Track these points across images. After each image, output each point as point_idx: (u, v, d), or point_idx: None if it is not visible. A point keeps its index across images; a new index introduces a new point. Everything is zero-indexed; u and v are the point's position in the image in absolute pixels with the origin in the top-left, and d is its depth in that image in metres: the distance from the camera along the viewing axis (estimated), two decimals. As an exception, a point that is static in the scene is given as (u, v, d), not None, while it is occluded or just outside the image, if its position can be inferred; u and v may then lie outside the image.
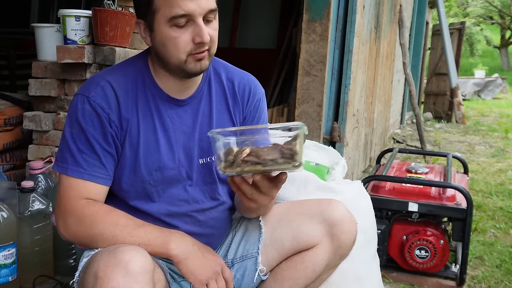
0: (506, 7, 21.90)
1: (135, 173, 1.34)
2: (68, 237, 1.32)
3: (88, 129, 1.29)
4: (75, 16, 2.32)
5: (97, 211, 1.28)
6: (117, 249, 1.16)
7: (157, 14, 1.26)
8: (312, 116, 3.16)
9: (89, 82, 1.35)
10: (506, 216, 3.62)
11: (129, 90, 1.34)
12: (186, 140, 1.39)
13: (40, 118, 2.39)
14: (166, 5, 1.24)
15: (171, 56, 1.29)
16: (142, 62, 1.39)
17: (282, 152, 1.12)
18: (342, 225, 1.45)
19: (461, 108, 9.22)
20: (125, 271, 1.10)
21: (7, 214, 1.76)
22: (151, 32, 1.31)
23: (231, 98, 1.47)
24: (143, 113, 1.34)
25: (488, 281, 2.50)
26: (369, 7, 3.97)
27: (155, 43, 1.31)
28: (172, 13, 1.23)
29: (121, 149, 1.33)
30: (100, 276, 1.10)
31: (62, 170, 1.30)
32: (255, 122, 1.52)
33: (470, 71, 20.00)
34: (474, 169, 5.16)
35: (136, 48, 2.44)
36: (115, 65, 1.47)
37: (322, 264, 1.46)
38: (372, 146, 4.97)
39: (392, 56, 5.84)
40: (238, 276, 1.50)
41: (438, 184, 2.54)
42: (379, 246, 2.34)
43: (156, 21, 1.27)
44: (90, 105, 1.29)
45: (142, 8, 1.30)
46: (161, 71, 1.37)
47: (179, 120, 1.39)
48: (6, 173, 2.51)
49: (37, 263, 1.97)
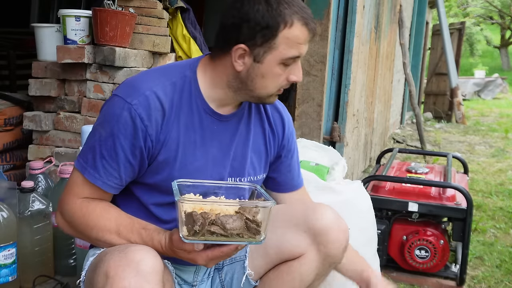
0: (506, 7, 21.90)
1: (167, 184, 1.29)
2: (65, 231, 1.34)
3: (119, 136, 1.24)
4: (75, 16, 2.32)
5: (89, 213, 1.27)
6: (127, 248, 1.16)
7: (274, 50, 1.25)
8: (312, 116, 3.16)
9: (132, 87, 1.27)
10: (506, 216, 3.62)
11: (174, 101, 1.28)
12: (221, 157, 1.36)
13: (40, 118, 2.39)
14: (287, 46, 1.24)
15: (263, 88, 1.30)
16: (190, 72, 1.33)
17: (248, 225, 1.10)
18: (328, 234, 1.37)
19: (461, 108, 9.22)
20: (136, 270, 1.10)
21: (7, 214, 1.76)
22: (253, 62, 1.26)
23: (268, 123, 1.47)
24: (185, 125, 1.30)
25: (488, 281, 2.50)
26: (369, 7, 3.97)
27: (252, 72, 1.27)
28: (289, 54, 1.25)
29: (147, 162, 1.28)
30: (111, 275, 1.10)
31: (80, 169, 1.27)
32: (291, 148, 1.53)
33: (470, 71, 20.00)
34: (474, 169, 5.16)
35: (136, 48, 2.44)
36: (159, 69, 1.37)
37: (310, 274, 1.41)
38: (372, 146, 4.97)
39: (392, 56, 5.84)
40: (227, 279, 1.50)
41: (438, 184, 2.54)
42: (379, 246, 2.35)
43: (268, 56, 1.25)
44: (129, 113, 1.23)
45: (256, 38, 1.23)
46: (220, 85, 1.32)
47: (218, 136, 1.35)
48: (6, 173, 2.51)
49: (37, 263, 1.97)
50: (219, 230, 1.08)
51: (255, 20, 1.21)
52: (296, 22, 1.24)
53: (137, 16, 2.43)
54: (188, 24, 2.78)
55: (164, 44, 2.53)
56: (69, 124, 2.36)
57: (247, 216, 1.11)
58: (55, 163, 2.29)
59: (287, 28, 1.23)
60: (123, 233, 1.25)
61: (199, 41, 2.82)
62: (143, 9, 2.49)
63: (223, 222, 1.08)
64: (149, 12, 2.50)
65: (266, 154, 1.47)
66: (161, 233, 1.23)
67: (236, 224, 1.09)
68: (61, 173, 2.02)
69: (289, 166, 1.55)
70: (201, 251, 1.15)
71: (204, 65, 1.35)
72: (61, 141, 2.39)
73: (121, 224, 1.26)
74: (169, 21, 2.71)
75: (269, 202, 1.14)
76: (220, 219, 1.09)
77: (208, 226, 1.08)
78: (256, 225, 1.11)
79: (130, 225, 1.26)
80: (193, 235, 1.08)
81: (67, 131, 2.37)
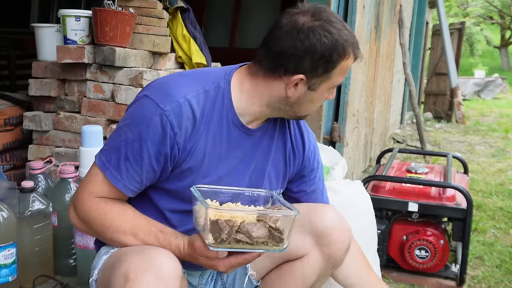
0: (506, 7, 21.89)
1: (184, 192, 1.29)
2: (76, 227, 1.34)
3: (147, 141, 1.22)
4: (75, 16, 2.32)
5: (105, 213, 1.25)
6: (147, 251, 1.15)
7: (329, 79, 1.29)
8: (312, 116, 3.16)
9: (165, 91, 1.25)
10: (506, 216, 3.62)
11: (205, 110, 1.27)
12: (242, 170, 1.37)
13: (40, 118, 2.39)
14: (339, 75, 1.30)
15: (307, 111, 1.36)
16: (224, 83, 1.31)
17: (271, 233, 1.11)
18: (331, 236, 1.39)
19: (461, 108, 9.22)
20: (156, 275, 1.09)
21: (7, 214, 1.76)
22: (307, 90, 1.29)
23: (289, 140, 1.46)
24: (213, 136, 1.29)
25: (488, 281, 2.50)
26: (369, 7, 3.97)
27: (303, 99, 1.30)
28: (339, 81, 1.31)
29: (170, 169, 1.27)
30: (130, 278, 1.09)
31: (102, 167, 1.25)
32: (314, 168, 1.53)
33: (470, 71, 19.99)
34: (474, 169, 5.16)
35: (136, 48, 2.44)
36: (193, 74, 1.36)
37: (313, 274, 1.42)
38: (372, 146, 4.97)
39: (392, 56, 5.84)
40: (229, 280, 1.50)
41: (438, 184, 2.54)
42: (379, 246, 2.35)
43: (322, 84, 1.29)
44: (161, 119, 1.21)
45: (318, 70, 1.25)
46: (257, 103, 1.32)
47: (243, 149, 1.35)
48: (6, 173, 2.51)
49: (37, 263, 1.97)
50: (245, 238, 1.09)
51: (321, 54, 1.23)
52: (351, 54, 1.28)
53: (137, 16, 2.42)
54: (188, 24, 2.78)
55: (164, 44, 2.53)
56: (69, 124, 2.36)
57: (270, 224, 1.12)
58: (55, 163, 2.29)
59: (344, 60, 1.27)
60: (139, 235, 1.24)
61: (199, 41, 2.82)
62: (143, 9, 2.49)
63: (248, 231, 1.09)
64: (149, 12, 2.50)
65: (285, 171, 1.46)
66: (179, 238, 1.22)
67: (260, 232, 1.10)
68: (61, 173, 2.02)
69: (312, 185, 1.54)
70: (223, 258, 1.15)
71: (241, 78, 1.33)
72: (61, 141, 2.39)
73: (138, 226, 1.25)
74: (169, 21, 2.71)
75: (294, 211, 1.14)
76: (246, 227, 1.10)
77: (235, 234, 1.09)
78: (279, 232, 1.12)
79: (147, 228, 1.25)
80: (220, 243, 1.09)
81: (67, 131, 2.37)
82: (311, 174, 1.52)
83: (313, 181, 1.53)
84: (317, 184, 1.55)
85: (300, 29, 1.23)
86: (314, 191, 1.54)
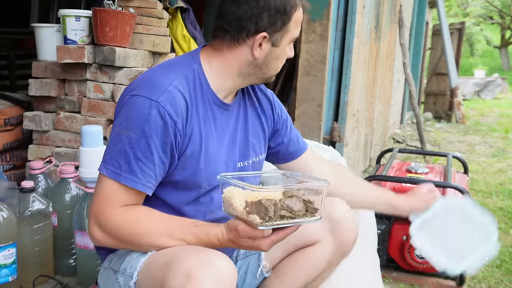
0: (506, 7, 21.90)
1: (194, 179, 1.32)
2: (102, 244, 1.30)
3: (151, 136, 1.23)
4: (75, 16, 2.32)
5: (135, 220, 1.25)
6: (205, 251, 1.16)
7: (288, 33, 1.35)
8: (312, 116, 3.16)
9: (152, 85, 1.27)
10: (506, 216, 3.62)
11: (191, 95, 1.31)
12: (231, 145, 1.41)
13: (40, 118, 2.39)
14: (295, 27, 1.37)
15: (275, 69, 1.40)
16: (196, 65, 1.36)
17: (307, 206, 1.18)
18: (344, 223, 1.48)
19: (461, 108, 9.22)
20: (217, 275, 1.10)
21: (7, 214, 1.76)
22: (271, 47, 1.35)
23: (258, 104, 1.52)
24: (203, 118, 1.33)
25: (488, 281, 2.50)
26: (369, 7, 3.98)
27: (269, 56, 1.36)
28: (296, 34, 1.38)
29: (177, 158, 1.29)
30: (192, 275, 1.09)
31: (114, 176, 1.23)
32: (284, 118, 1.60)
33: (470, 71, 20.00)
34: (474, 169, 5.16)
35: (136, 48, 2.44)
36: (164, 66, 1.38)
37: (323, 261, 1.49)
38: (372, 146, 4.97)
39: (392, 56, 5.84)
40: (241, 273, 1.52)
41: (438, 184, 2.54)
42: (379, 246, 2.35)
43: (284, 38, 1.35)
44: (158, 111, 1.22)
45: (277, 24, 1.32)
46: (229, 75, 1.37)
47: (226, 125, 1.40)
48: (6, 173, 2.51)
49: (37, 263, 1.97)
50: (287, 213, 1.15)
51: (276, 8, 1.30)
52: (299, 4, 1.35)
53: (137, 16, 2.42)
54: (188, 24, 2.78)
55: (164, 44, 2.53)
56: (69, 124, 2.36)
57: (303, 198, 1.18)
58: (55, 163, 2.29)
59: (296, 11, 1.34)
60: (176, 234, 1.24)
61: (199, 41, 2.82)
62: (143, 9, 2.49)
63: (289, 206, 1.15)
64: (149, 12, 2.50)
65: (264, 135, 1.53)
66: (213, 227, 1.23)
67: (299, 206, 1.17)
68: (61, 173, 2.02)
69: (289, 134, 1.61)
70: (266, 237, 1.18)
71: (208, 57, 1.37)
72: (61, 141, 2.39)
73: (170, 226, 1.25)
74: (169, 21, 2.71)
75: (324, 182, 1.20)
76: (286, 203, 1.15)
77: (280, 211, 1.14)
78: (312, 204, 1.18)
79: (179, 225, 1.25)
80: (268, 221, 1.13)
81: (67, 131, 2.37)
82: (283, 126, 1.59)
83: (286, 131, 1.60)
84: (292, 133, 1.62)
85: None
86: (291, 140, 1.61)
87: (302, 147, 1.64)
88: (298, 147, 1.63)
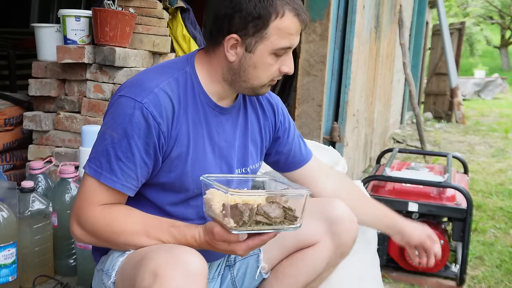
0: (506, 7, 21.90)
1: (181, 181, 1.31)
2: (82, 242, 1.31)
3: (133, 136, 1.22)
4: (75, 16, 2.32)
5: (113, 219, 1.25)
6: (174, 249, 1.15)
7: (265, 40, 1.26)
8: (312, 116, 3.16)
9: (138, 86, 1.27)
10: (506, 216, 3.62)
11: (181, 97, 1.29)
12: (227, 149, 1.39)
13: (40, 118, 2.39)
14: (279, 36, 1.26)
15: (255, 79, 1.31)
16: (189, 68, 1.34)
17: (286, 213, 1.15)
18: (343, 224, 1.46)
19: (461, 108, 9.23)
20: (185, 271, 1.09)
21: (7, 214, 1.76)
22: (245, 52, 1.28)
23: (260, 110, 1.49)
24: (193, 120, 1.31)
25: (488, 281, 2.50)
26: (369, 7, 3.98)
27: (244, 63, 1.29)
28: (281, 44, 1.27)
29: (161, 160, 1.28)
30: (159, 274, 1.09)
31: (95, 175, 1.24)
32: (287, 127, 1.56)
33: (470, 71, 20.00)
34: (474, 169, 5.16)
35: (136, 48, 2.44)
36: (157, 67, 1.37)
37: (322, 262, 1.47)
38: (372, 146, 4.97)
39: (392, 56, 5.84)
40: (240, 274, 1.51)
41: (438, 184, 2.54)
42: (379, 246, 2.35)
43: (260, 46, 1.27)
44: (141, 112, 1.22)
45: (248, 28, 1.25)
46: (216, 79, 1.34)
47: (222, 128, 1.38)
48: (6, 173, 2.51)
49: (37, 263, 1.97)
50: (264, 219, 1.13)
51: (247, 10, 1.23)
52: (288, 13, 1.25)
53: (137, 16, 2.43)
54: (188, 24, 2.78)
55: (164, 44, 2.53)
56: (69, 124, 2.36)
57: (283, 205, 1.15)
58: (55, 163, 2.29)
59: (278, 19, 1.25)
60: (152, 233, 1.24)
61: (199, 41, 2.82)
62: (143, 9, 2.49)
63: (266, 212, 1.13)
64: (149, 12, 2.50)
65: (261, 143, 1.50)
66: (192, 228, 1.23)
67: (277, 212, 1.14)
68: (61, 173, 2.02)
69: (290, 144, 1.57)
70: (242, 242, 1.17)
71: (200, 59, 1.36)
72: (61, 141, 2.39)
73: (148, 225, 1.25)
74: (169, 21, 2.71)
75: (305, 190, 1.19)
76: (263, 209, 1.13)
77: (255, 216, 1.12)
78: (292, 212, 1.16)
79: (158, 225, 1.25)
80: (242, 225, 1.12)
81: (67, 131, 2.37)
82: (285, 134, 1.55)
83: (287, 141, 1.56)
84: (294, 143, 1.58)
85: None
86: (292, 150, 1.57)
87: (305, 158, 1.60)
88: (300, 158, 1.59)
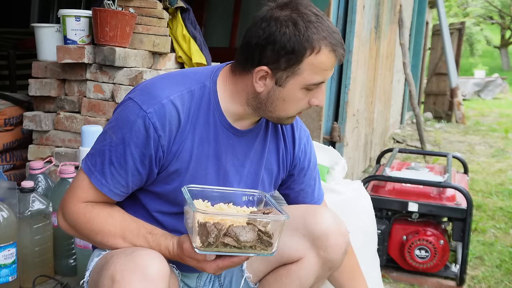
0: (506, 7, 21.89)
1: (175, 195, 1.28)
2: (67, 232, 1.33)
3: (130, 145, 1.20)
4: (75, 16, 2.32)
5: (93, 218, 1.24)
6: (134, 252, 1.14)
7: (297, 76, 1.21)
8: (312, 116, 3.16)
9: (148, 93, 1.23)
10: (506, 216, 3.62)
11: (191, 111, 1.24)
12: (234, 173, 1.34)
13: (40, 118, 2.39)
14: (312, 72, 1.20)
15: (282, 111, 1.26)
16: (210, 83, 1.28)
17: (260, 237, 1.10)
18: (328, 239, 1.36)
19: (461, 108, 9.22)
20: (143, 275, 1.08)
21: (7, 214, 1.76)
22: (274, 85, 1.22)
23: (282, 140, 1.43)
24: (200, 137, 1.26)
25: (488, 281, 2.50)
26: (369, 7, 3.97)
27: (273, 95, 1.23)
28: (313, 80, 1.22)
29: (156, 172, 1.25)
30: (117, 279, 1.08)
31: (87, 172, 1.23)
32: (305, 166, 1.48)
33: (470, 71, 19.99)
34: (474, 169, 5.16)
35: (136, 48, 2.44)
36: (177, 74, 1.31)
37: (309, 278, 1.39)
38: (372, 146, 4.97)
39: (392, 56, 5.84)
40: (226, 282, 1.49)
41: (438, 184, 2.54)
42: (379, 246, 2.35)
43: (291, 80, 1.21)
44: (143, 122, 1.19)
45: (280, 62, 1.19)
46: (239, 101, 1.28)
47: (232, 151, 1.32)
48: (6, 173, 2.51)
49: (37, 263, 1.97)
50: (233, 242, 1.08)
51: (281, 44, 1.17)
52: (324, 48, 1.19)
53: (137, 16, 2.42)
54: (188, 24, 2.78)
55: (164, 44, 2.53)
56: (69, 124, 2.36)
57: (259, 228, 1.10)
58: (55, 163, 2.29)
59: (313, 55, 1.19)
60: (128, 237, 1.23)
61: (199, 41, 2.82)
62: (143, 9, 2.49)
63: (236, 234, 1.07)
64: (149, 12, 2.50)
65: (278, 173, 1.44)
66: (168, 239, 1.21)
67: (249, 236, 1.08)
68: (61, 173, 2.02)
69: (302, 184, 1.50)
70: (211, 261, 1.14)
71: (225, 77, 1.30)
72: (61, 141, 2.39)
73: (127, 229, 1.24)
74: (169, 21, 2.71)
75: (283, 216, 1.12)
76: (234, 231, 1.08)
77: (222, 238, 1.07)
78: (268, 236, 1.10)
79: (136, 230, 1.24)
80: (207, 246, 1.08)
81: (67, 131, 2.37)
82: (301, 173, 1.48)
83: (302, 180, 1.49)
84: (307, 183, 1.51)
85: (264, 18, 1.21)
86: (303, 190, 1.50)
87: (315, 202, 1.53)
88: (311, 200, 1.52)
